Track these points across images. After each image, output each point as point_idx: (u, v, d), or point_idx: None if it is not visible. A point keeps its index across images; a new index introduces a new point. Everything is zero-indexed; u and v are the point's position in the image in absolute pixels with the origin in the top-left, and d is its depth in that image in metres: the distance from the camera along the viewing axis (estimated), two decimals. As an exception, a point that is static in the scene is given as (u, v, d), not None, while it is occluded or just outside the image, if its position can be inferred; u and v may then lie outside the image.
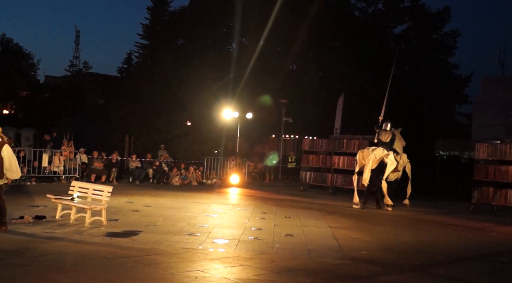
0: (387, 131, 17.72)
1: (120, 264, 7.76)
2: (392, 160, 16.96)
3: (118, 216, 12.30)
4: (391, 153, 17.11)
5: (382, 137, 17.68)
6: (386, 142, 17.53)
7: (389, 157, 16.97)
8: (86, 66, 49.76)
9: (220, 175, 25.33)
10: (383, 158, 16.98)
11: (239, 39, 36.06)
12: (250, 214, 14.30)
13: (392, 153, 17.13)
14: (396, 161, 17.14)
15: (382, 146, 17.37)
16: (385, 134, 17.69)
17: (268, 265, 8.20)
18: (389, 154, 17.01)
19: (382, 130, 17.79)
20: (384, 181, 16.91)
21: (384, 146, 17.34)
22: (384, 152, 17.03)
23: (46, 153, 20.76)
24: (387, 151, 17.06)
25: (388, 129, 17.76)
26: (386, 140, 17.57)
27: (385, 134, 17.68)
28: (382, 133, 17.75)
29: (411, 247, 10.58)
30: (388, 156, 16.97)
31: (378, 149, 17.21)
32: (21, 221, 10.77)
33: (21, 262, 7.55)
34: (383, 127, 17.83)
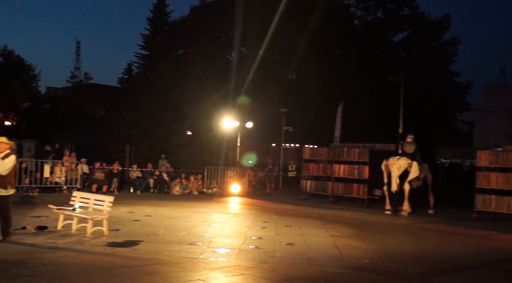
0: (411, 143, 18.85)
1: (121, 274, 7.78)
2: (415, 168, 18.28)
3: (119, 226, 12.32)
4: (414, 162, 18.38)
5: (406, 149, 18.90)
6: (410, 153, 18.69)
7: (413, 165, 18.28)
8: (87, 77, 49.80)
9: (221, 184, 25.32)
10: (407, 167, 18.23)
11: (239, 49, 36.21)
12: (250, 223, 14.30)
13: (415, 163, 18.37)
14: (419, 170, 18.35)
15: (406, 156, 18.53)
16: (409, 145, 18.90)
17: (269, 274, 8.21)
18: (413, 163, 18.30)
19: (405, 142, 18.99)
20: (407, 183, 18.18)
21: (408, 157, 18.51)
22: (408, 161, 18.31)
23: (48, 164, 20.79)
24: (410, 161, 18.31)
25: (411, 141, 18.87)
26: (410, 151, 18.76)
27: (409, 145, 18.88)
28: (406, 145, 18.96)
29: (413, 256, 10.57)
30: (412, 165, 18.25)
31: (402, 159, 18.42)
32: (23, 232, 10.79)
33: (23, 272, 7.56)
34: (407, 140, 18.99)
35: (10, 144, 10.12)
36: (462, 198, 21.74)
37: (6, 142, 10.02)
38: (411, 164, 18.29)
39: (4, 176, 9.81)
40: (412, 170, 18.27)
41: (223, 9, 34.41)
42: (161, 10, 43.81)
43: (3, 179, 9.82)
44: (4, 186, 9.83)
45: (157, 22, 43.26)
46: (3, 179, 9.82)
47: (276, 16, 28.88)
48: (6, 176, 9.82)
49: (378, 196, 21.06)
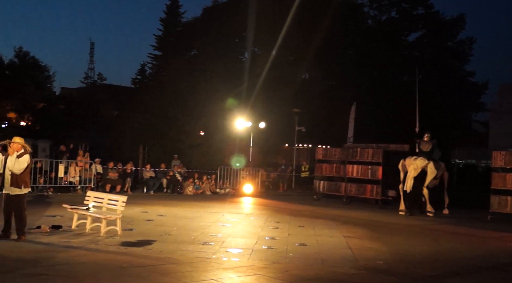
0: (428, 142, 18.85)
1: (135, 273, 7.82)
2: (432, 168, 18.23)
3: (133, 226, 12.38)
4: (431, 162, 18.33)
5: (423, 147, 18.80)
6: (427, 152, 18.65)
7: (430, 165, 18.21)
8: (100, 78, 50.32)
9: (233, 185, 25.35)
10: (424, 167, 18.19)
11: (251, 49, 36.21)
12: (263, 223, 14.30)
13: (432, 162, 18.33)
14: (436, 169, 18.36)
15: (423, 155, 18.51)
16: (425, 144, 18.80)
17: (281, 274, 8.20)
18: (429, 163, 18.24)
19: (422, 141, 18.90)
20: (425, 188, 18.23)
21: (425, 155, 18.49)
22: (425, 161, 18.26)
23: (62, 164, 20.95)
24: (427, 160, 18.26)
25: (428, 139, 18.86)
26: (427, 150, 18.71)
27: (426, 144, 18.80)
28: (422, 143, 18.88)
29: (426, 257, 10.49)
30: (428, 165, 18.20)
31: (419, 159, 18.39)
32: (38, 231, 10.90)
33: (38, 271, 7.64)
34: (423, 138, 18.95)
35: (25, 144, 10.23)
36: (477, 199, 21.55)
37: (21, 142, 10.13)
38: (428, 164, 18.33)
39: (18, 175, 9.92)
40: (429, 171, 18.32)
41: (235, 9, 34.42)
42: (174, 11, 43.99)
43: (17, 178, 9.93)
44: (18, 185, 9.94)
45: (170, 23, 43.44)
46: (17, 178, 9.93)
47: (289, 16, 28.82)
48: (20, 175, 9.93)
49: (392, 197, 20.96)
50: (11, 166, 9.91)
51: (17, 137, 10.30)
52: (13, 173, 9.92)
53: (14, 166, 9.88)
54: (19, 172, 9.89)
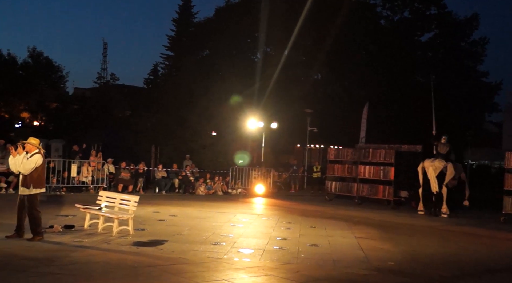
0: (445, 144, 19.16)
1: (147, 273, 7.85)
2: (451, 169, 18.54)
3: (145, 226, 12.43)
4: (449, 163, 18.69)
5: (440, 150, 19.15)
6: (444, 154, 19.01)
7: (448, 166, 18.56)
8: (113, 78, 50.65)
9: (245, 185, 25.37)
10: (442, 168, 18.53)
11: (264, 49, 36.20)
12: (275, 223, 14.30)
13: (450, 163, 18.68)
14: (454, 170, 18.65)
15: (440, 157, 18.88)
16: (443, 146, 19.14)
17: (293, 275, 8.19)
18: (448, 164, 18.60)
19: (439, 143, 19.27)
20: (444, 187, 18.48)
21: (442, 157, 18.88)
22: (442, 162, 18.63)
23: (75, 163, 21.10)
24: (445, 162, 18.64)
25: (445, 142, 19.19)
26: (444, 152, 19.05)
27: (443, 146, 19.14)
28: (440, 146, 19.24)
29: (439, 258, 10.43)
30: (447, 166, 18.54)
31: (437, 160, 18.77)
32: (51, 230, 10.98)
33: (51, 270, 7.70)
34: (441, 141, 19.30)
35: (39, 146, 10.30)
36: (490, 200, 21.38)
37: (35, 143, 10.21)
38: (446, 165, 18.56)
39: (27, 175, 9.99)
40: (448, 172, 18.55)
41: (248, 9, 34.42)
42: (187, 11, 44.17)
43: (26, 178, 10.00)
44: (27, 185, 10.00)
45: (182, 23, 43.61)
46: (26, 178, 10.01)
47: (301, 16, 28.78)
48: (29, 175, 9.99)
49: (404, 198, 20.88)
50: (18, 165, 10.00)
51: (32, 138, 10.40)
52: (21, 172, 10.02)
53: (22, 166, 9.97)
54: (27, 172, 9.97)
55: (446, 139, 19.26)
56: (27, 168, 9.96)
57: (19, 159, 10.04)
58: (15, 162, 10.11)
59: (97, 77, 55.08)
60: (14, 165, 10.17)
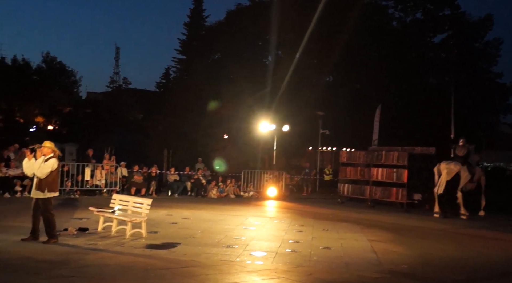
0: (463, 147, 19.22)
1: (159, 275, 7.89)
2: (466, 173, 18.62)
3: (158, 228, 12.48)
4: (465, 166, 18.75)
5: (458, 152, 19.22)
6: (462, 156, 19.04)
7: (463, 170, 18.63)
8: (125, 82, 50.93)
9: (257, 188, 25.37)
10: (458, 171, 18.55)
11: (275, 52, 36.21)
12: (287, 226, 14.29)
13: (466, 166, 18.75)
14: (471, 173, 18.75)
15: (457, 160, 18.92)
16: (461, 149, 19.20)
17: (305, 278, 8.19)
18: (463, 167, 18.64)
19: (457, 146, 19.37)
20: (459, 191, 18.59)
21: (460, 160, 18.89)
22: (458, 165, 18.65)
23: (89, 167, 21.25)
24: (461, 165, 18.65)
25: (463, 144, 19.24)
26: (462, 155, 19.09)
27: (461, 149, 19.20)
28: (458, 148, 19.33)
29: (453, 262, 10.36)
30: (462, 169, 18.60)
31: (453, 163, 18.80)
32: (66, 233, 11.07)
33: (65, 273, 7.76)
34: (459, 143, 19.39)
35: (55, 149, 10.40)
36: (506, 203, 21.19)
37: (51, 147, 10.30)
38: (461, 168, 18.60)
39: (42, 179, 10.08)
40: (463, 176, 18.59)
41: (259, 13, 34.45)
42: (198, 15, 44.28)
43: (41, 182, 10.10)
44: (42, 189, 10.09)
45: (193, 27, 43.73)
46: (41, 182, 10.10)
47: (313, 19, 28.75)
48: (44, 179, 10.08)
49: (418, 200, 20.74)
50: (35, 170, 10.10)
51: (47, 141, 10.50)
52: (37, 176, 10.12)
53: (39, 170, 10.07)
54: (43, 176, 10.07)
55: (464, 142, 19.30)
56: (44, 172, 10.06)
57: (36, 163, 10.14)
58: (30, 165, 10.22)
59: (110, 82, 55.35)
60: (29, 168, 10.28)
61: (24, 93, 30.39)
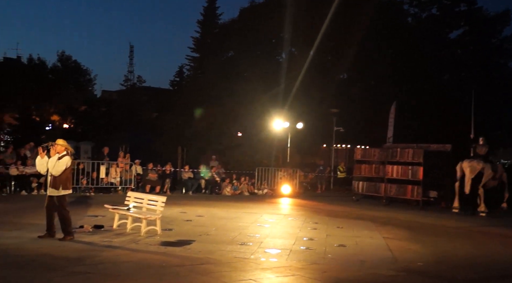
0: (484, 145, 19.51)
1: (174, 273, 7.91)
2: (489, 170, 18.83)
3: (172, 226, 12.53)
4: (488, 164, 19.01)
5: (479, 151, 19.50)
6: (483, 155, 19.35)
7: (486, 167, 18.82)
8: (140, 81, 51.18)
9: (271, 185, 25.37)
10: (480, 169, 18.78)
11: (288, 50, 36.12)
12: (301, 224, 14.26)
13: (489, 165, 18.99)
14: (494, 171, 19.01)
15: (478, 159, 19.18)
16: (481, 148, 19.51)
17: (320, 275, 8.16)
18: (486, 165, 18.88)
19: (478, 145, 19.62)
20: (481, 188, 18.72)
21: (481, 158, 19.16)
22: (480, 163, 18.88)
23: (104, 165, 21.40)
24: (483, 163, 18.90)
25: (483, 143, 19.53)
26: (483, 153, 19.41)
27: (482, 148, 19.51)
28: (478, 147, 19.60)
29: (468, 260, 10.26)
30: (485, 167, 18.81)
31: (475, 161, 19.05)
32: (81, 230, 11.16)
33: (81, 269, 7.82)
34: (479, 142, 19.64)
35: (67, 146, 10.47)
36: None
37: (63, 144, 10.38)
38: (484, 166, 18.75)
39: (56, 177, 10.16)
40: (485, 173, 18.71)
41: (272, 10, 34.35)
42: (211, 12, 44.33)
43: (55, 179, 10.17)
44: (56, 187, 10.17)
45: (207, 25, 43.79)
46: (55, 179, 10.18)
47: (327, 16, 28.61)
48: (59, 177, 10.16)
49: (433, 198, 20.60)
50: (50, 168, 10.19)
51: (60, 139, 10.58)
52: (52, 174, 10.20)
53: (54, 168, 10.15)
54: (57, 173, 10.14)
55: (484, 141, 19.46)
56: (58, 170, 10.14)
57: (50, 161, 10.23)
58: (43, 163, 10.30)
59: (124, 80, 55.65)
60: (41, 166, 10.37)
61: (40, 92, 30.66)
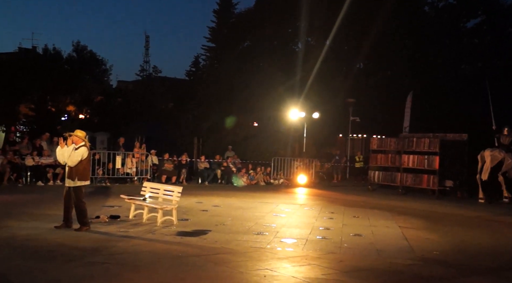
0: (508, 135, 19.70)
1: (191, 262, 7.94)
2: (508, 160, 19.04)
3: (188, 216, 12.58)
4: (509, 153, 19.23)
5: (503, 141, 19.71)
6: (507, 145, 19.56)
7: (506, 157, 19.06)
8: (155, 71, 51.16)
9: (287, 175, 25.35)
10: (501, 158, 19.05)
11: (305, 39, 35.91)
12: (317, 213, 14.24)
13: (510, 154, 19.21)
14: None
15: (500, 148, 19.41)
16: (505, 138, 19.69)
17: (336, 264, 8.15)
18: (506, 155, 19.11)
19: (502, 135, 19.75)
20: (500, 175, 19.01)
21: (504, 148, 19.39)
22: (502, 152, 19.14)
23: (120, 155, 21.52)
24: (504, 153, 19.17)
25: (507, 133, 19.69)
26: (507, 143, 19.62)
27: (506, 138, 19.70)
28: (502, 137, 19.74)
29: (486, 249, 10.17)
30: (505, 156, 19.06)
31: (497, 150, 19.29)
32: (98, 220, 11.24)
33: (98, 260, 7.88)
34: (503, 132, 19.77)
35: (84, 138, 10.51)
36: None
37: (81, 136, 10.42)
38: (505, 156, 18.95)
39: (73, 168, 10.22)
40: (506, 162, 18.88)
41: (289, -1, 34.20)
42: (228, 2, 44.23)
43: (72, 170, 10.24)
44: (73, 177, 10.23)
45: (223, 14, 43.71)
46: (72, 170, 10.24)
47: (344, 5, 28.36)
48: (75, 167, 10.21)
49: (449, 187, 20.44)
50: (66, 158, 10.25)
51: (78, 130, 10.63)
52: (68, 165, 10.27)
53: (69, 158, 10.21)
54: (73, 164, 10.20)
55: (508, 131, 19.57)
56: (74, 160, 10.19)
57: (66, 151, 10.29)
58: (63, 153, 10.36)
59: (140, 70, 55.78)
60: (62, 156, 10.42)
61: (56, 83, 30.76)
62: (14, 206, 13.34)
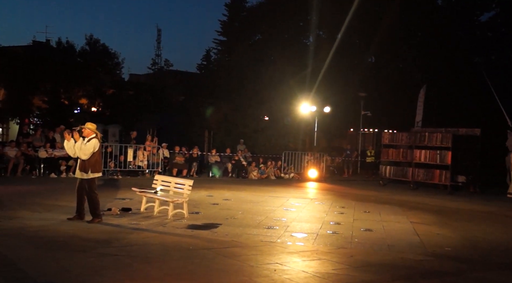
0: None
1: (201, 255, 7.97)
2: None
3: (199, 209, 12.62)
4: None
5: None
6: None
7: None
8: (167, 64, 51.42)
9: (298, 169, 25.33)
10: None
11: (316, 33, 35.76)
12: (328, 208, 14.22)
13: None
14: None
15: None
16: None
17: (346, 259, 8.14)
18: None
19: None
20: None
21: None
22: None
23: (131, 148, 21.62)
24: None
25: None
26: None
27: None
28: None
29: (499, 244, 10.11)
30: None
31: None
32: (109, 213, 11.31)
33: (110, 251, 7.93)
34: None
35: (95, 131, 10.54)
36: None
37: (92, 128, 10.47)
38: None
39: (85, 160, 10.28)
40: None
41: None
42: (239, -4, 44.09)
43: (84, 162, 10.29)
44: (85, 170, 10.29)
45: (234, 7, 43.63)
46: (84, 162, 10.30)
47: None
48: (87, 160, 10.27)
49: (462, 183, 20.32)
50: (77, 151, 10.31)
51: (89, 123, 10.68)
52: (80, 157, 10.32)
53: (81, 151, 10.26)
54: (85, 156, 10.25)
55: None
56: (86, 153, 10.25)
57: (77, 144, 10.34)
58: (71, 146, 10.42)
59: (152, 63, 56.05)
60: (70, 149, 10.47)
61: (69, 75, 30.93)
62: (27, 197, 13.46)
